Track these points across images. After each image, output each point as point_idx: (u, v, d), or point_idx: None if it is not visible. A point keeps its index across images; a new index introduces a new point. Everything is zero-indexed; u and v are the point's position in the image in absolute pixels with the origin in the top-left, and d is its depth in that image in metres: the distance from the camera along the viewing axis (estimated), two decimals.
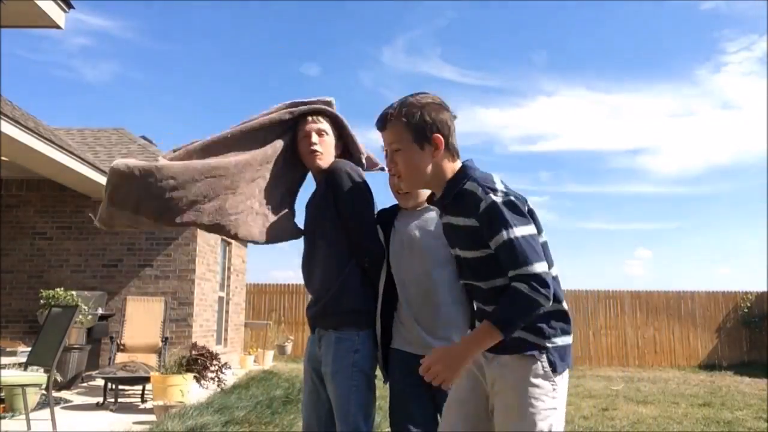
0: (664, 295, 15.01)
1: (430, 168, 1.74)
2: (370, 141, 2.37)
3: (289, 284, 15.19)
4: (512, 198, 1.64)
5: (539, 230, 1.70)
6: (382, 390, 2.19)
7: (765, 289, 14.73)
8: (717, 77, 22.89)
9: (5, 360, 5.84)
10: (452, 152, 1.77)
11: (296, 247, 2.40)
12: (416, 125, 1.71)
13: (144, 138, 10.98)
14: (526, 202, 1.71)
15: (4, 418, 5.14)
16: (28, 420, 4.59)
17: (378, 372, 2.19)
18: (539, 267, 1.54)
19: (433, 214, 2.18)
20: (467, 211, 1.67)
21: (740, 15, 22.91)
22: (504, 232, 1.57)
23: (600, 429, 5.72)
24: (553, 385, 1.66)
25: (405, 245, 2.15)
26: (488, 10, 23.65)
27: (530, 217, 1.67)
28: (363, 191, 2.20)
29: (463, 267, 1.79)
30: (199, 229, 8.86)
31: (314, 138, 2.26)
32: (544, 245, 1.70)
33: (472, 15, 23.06)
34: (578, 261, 24.95)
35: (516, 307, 1.54)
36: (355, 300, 2.12)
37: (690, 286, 15.15)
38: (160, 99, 24.49)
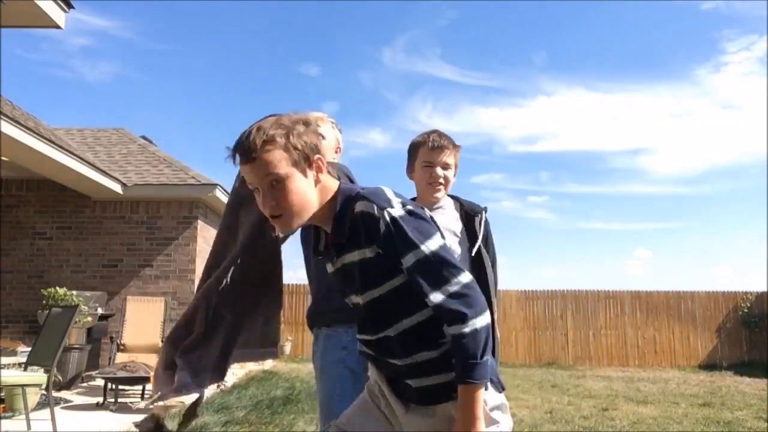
0: (664, 295, 15.01)
1: (316, 197, 1.46)
2: (372, 141, 2.38)
3: (289, 284, 15.16)
4: (411, 207, 1.42)
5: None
6: None
7: (765, 289, 14.72)
8: (717, 77, 22.88)
9: (5, 360, 5.85)
10: (331, 173, 1.52)
11: (296, 247, 2.40)
12: (293, 148, 1.41)
13: (144, 138, 11.00)
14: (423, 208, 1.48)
15: (5, 418, 5.14)
16: (28, 420, 4.59)
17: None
18: (463, 278, 1.36)
19: (442, 210, 2.25)
20: (363, 239, 1.41)
21: (740, 15, 22.90)
22: (413, 253, 1.36)
23: (600, 429, 5.72)
24: (498, 427, 1.45)
25: None
26: (488, 10, 23.66)
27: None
28: None
29: (364, 317, 1.54)
30: (198, 230, 8.88)
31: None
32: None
33: (472, 15, 23.07)
34: (578, 261, 24.96)
35: (469, 349, 1.33)
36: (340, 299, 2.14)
37: (690, 286, 15.13)
38: (160, 99, 24.49)
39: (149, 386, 6.29)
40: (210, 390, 6.83)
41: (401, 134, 26.83)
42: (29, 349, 5.71)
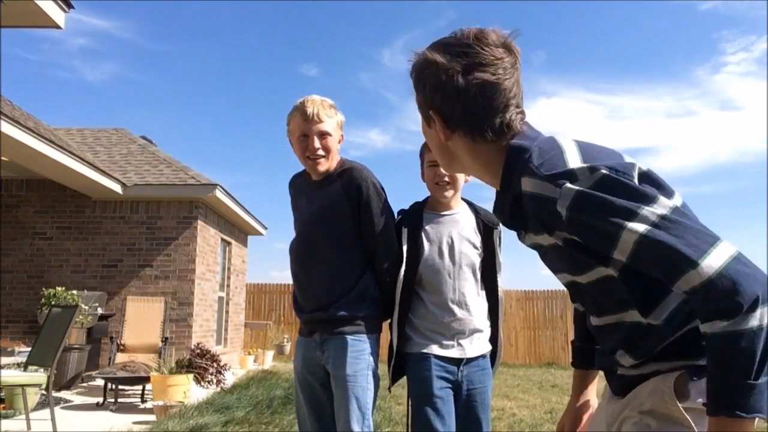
0: None
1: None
2: (371, 141, 2.39)
3: (289, 284, 15.17)
4: (605, 172, 0.96)
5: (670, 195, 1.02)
6: (381, 390, 2.22)
7: None
8: (716, 78, 22.90)
9: (5, 360, 5.85)
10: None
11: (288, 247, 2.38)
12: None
13: (144, 138, 11.00)
14: (633, 167, 1.02)
15: (5, 417, 5.14)
16: (28, 420, 4.59)
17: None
18: (718, 259, 0.86)
19: (459, 217, 2.29)
20: (537, 225, 1.07)
21: (739, 16, 22.92)
22: (623, 230, 0.92)
23: None
24: None
25: (445, 252, 2.23)
26: (487, 10, 23.64)
27: (652, 184, 1.01)
28: (389, 206, 2.23)
29: (581, 296, 1.21)
30: (198, 230, 8.88)
31: (316, 143, 2.15)
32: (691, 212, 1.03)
33: (471, 16, 23.06)
34: None
35: (737, 361, 0.85)
36: (371, 307, 2.16)
37: None
38: (160, 99, 24.50)
39: (149, 386, 6.29)
40: (210, 390, 6.82)
41: (400, 134, 26.85)
42: (29, 349, 5.71)
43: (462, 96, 1.06)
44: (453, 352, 2.15)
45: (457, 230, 2.25)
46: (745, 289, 0.84)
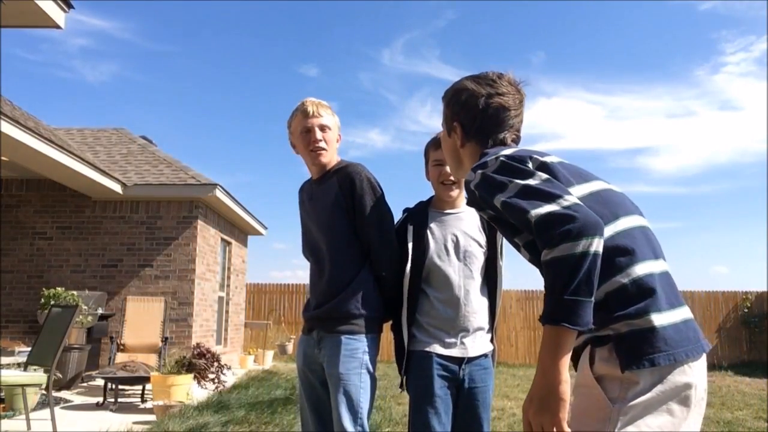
0: None
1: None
2: (371, 141, 2.39)
3: (289, 284, 15.19)
4: (502, 159, 1.28)
5: (583, 179, 1.31)
6: (381, 390, 2.21)
7: (765, 289, 14.72)
8: (716, 78, 22.89)
9: (5, 360, 5.85)
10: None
11: (296, 246, 2.40)
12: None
13: (144, 138, 11.00)
14: (531, 157, 1.30)
15: (5, 417, 5.14)
16: (28, 420, 4.59)
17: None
18: (546, 208, 1.12)
19: (464, 216, 2.29)
20: (473, 205, 1.43)
21: (739, 16, 22.92)
22: (496, 196, 1.22)
23: None
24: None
25: (451, 250, 2.23)
26: (486, 11, 23.67)
27: (546, 170, 1.27)
28: (385, 201, 2.23)
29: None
30: (198, 230, 8.88)
31: (318, 135, 2.23)
32: (601, 194, 1.28)
33: (471, 16, 23.07)
34: None
35: (550, 278, 1.09)
36: (369, 306, 2.15)
37: (690, 286, 15.11)
38: (160, 99, 24.50)
39: (149, 386, 6.29)
40: (210, 390, 6.82)
41: (400, 134, 26.85)
42: (29, 349, 5.71)
43: (483, 113, 1.45)
44: (455, 351, 2.15)
45: (462, 228, 2.26)
46: (560, 226, 1.08)
